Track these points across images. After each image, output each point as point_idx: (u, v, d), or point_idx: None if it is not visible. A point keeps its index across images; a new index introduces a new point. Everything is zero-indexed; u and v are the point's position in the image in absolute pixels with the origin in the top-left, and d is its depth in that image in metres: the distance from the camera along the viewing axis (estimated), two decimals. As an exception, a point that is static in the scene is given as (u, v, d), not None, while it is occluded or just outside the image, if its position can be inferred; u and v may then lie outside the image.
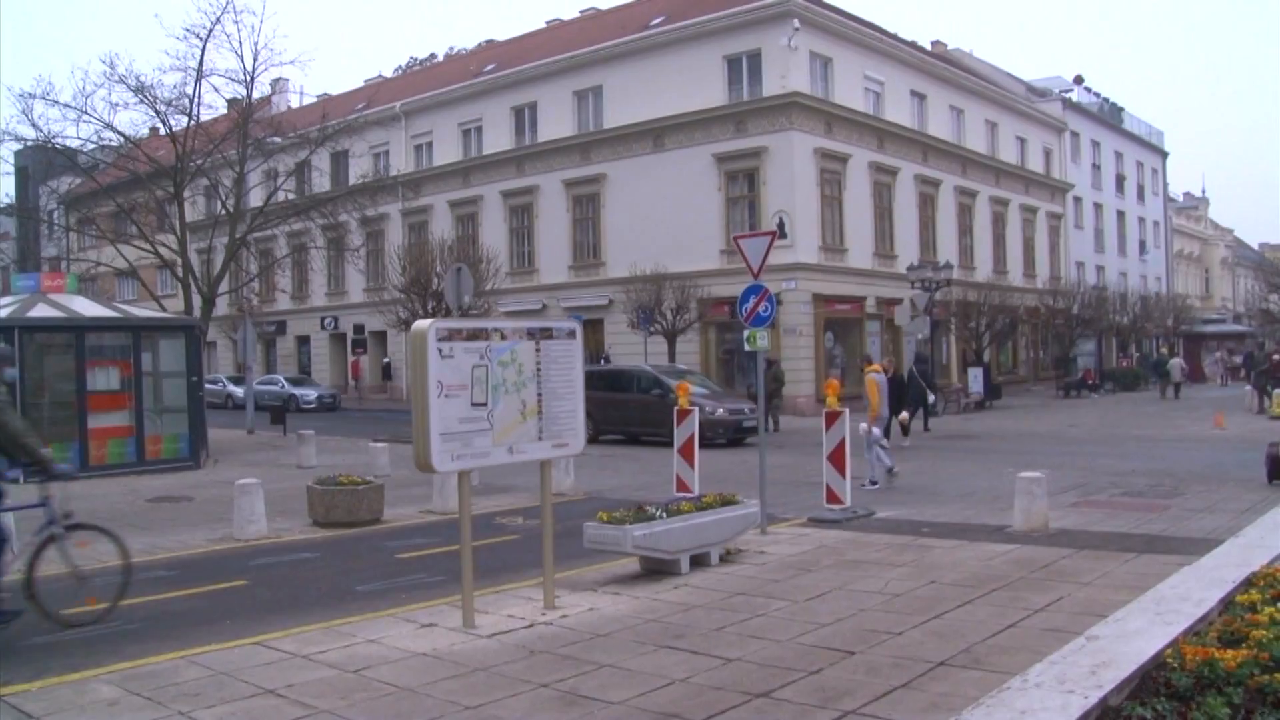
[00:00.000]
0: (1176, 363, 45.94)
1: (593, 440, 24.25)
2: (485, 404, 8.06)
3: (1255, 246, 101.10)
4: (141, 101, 28.95)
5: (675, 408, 14.24)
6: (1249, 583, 6.90)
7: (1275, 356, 35.49)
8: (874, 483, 16.48)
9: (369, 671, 7.07)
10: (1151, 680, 4.97)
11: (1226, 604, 6.48)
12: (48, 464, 8.48)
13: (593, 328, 39.82)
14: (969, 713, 4.56)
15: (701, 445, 14.80)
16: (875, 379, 17.43)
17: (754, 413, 24.81)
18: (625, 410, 25.69)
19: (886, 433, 18.03)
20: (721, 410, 24.68)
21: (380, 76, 61.94)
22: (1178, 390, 43.88)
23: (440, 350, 7.75)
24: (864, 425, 16.80)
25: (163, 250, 30.21)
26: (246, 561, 11.58)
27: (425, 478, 14.39)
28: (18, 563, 8.42)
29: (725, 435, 24.30)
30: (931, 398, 31.06)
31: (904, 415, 21.94)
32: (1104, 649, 5.48)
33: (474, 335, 8.21)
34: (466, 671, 7.02)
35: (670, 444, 21.56)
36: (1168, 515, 13.14)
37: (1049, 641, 6.60)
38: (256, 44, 48.62)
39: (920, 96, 43.92)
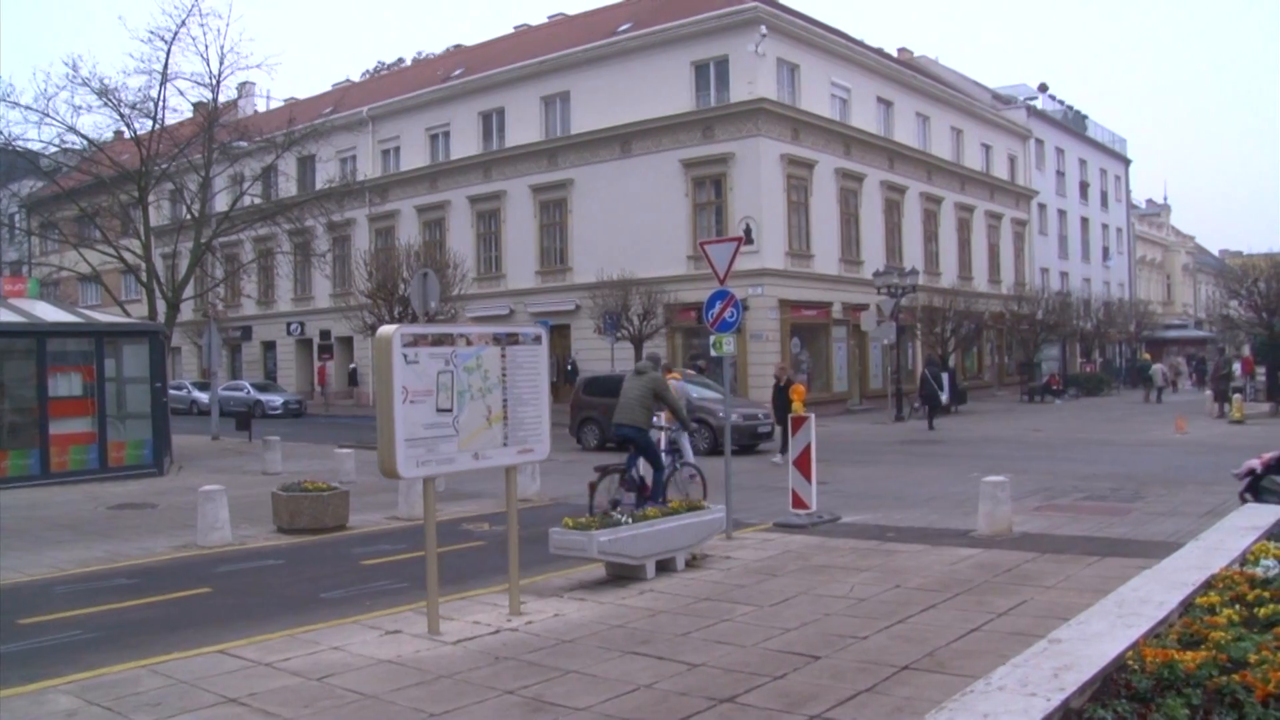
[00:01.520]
0: (1159, 368, 46.48)
1: (600, 447, 24.21)
2: (450, 410, 8.06)
3: (1216, 253, 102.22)
4: (105, 104, 28.77)
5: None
6: (1209, 585, 6.99)
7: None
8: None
9: (333, 679, 7.05)
10: (1113, 682, 5.03)
11: (1187, 606, 6.56)
12: None
13: (560, 333, 39.81)
14: (932, 716, 4.59)
15: (714, 452, 14.81)
16: (673, 386, 18.00)
17: (768, 418, 24.77)
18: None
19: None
20: (735, 416, 23.57)
21: (348, 81, 61.65)
22: (1160, 394, 44.30)
23: (405, 356, 7.75)
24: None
25: (127, 255, 30.00)
26: (210, 569, 11.51)
27: (391, 484, 14.36)
28: None
29: (739, 441, 23.13)
30: (944, 397, 31.97)
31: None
32: (1066, 652, 5.54)
33: (439, 341, 8.21)
34: (431, 679, 7.02)
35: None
36: (1130, 519, 13.28)
37: (1012, 644, 6.66)
38: (222, 47, 48.37)
39: (886, 103, 44.15)
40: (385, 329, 7.90)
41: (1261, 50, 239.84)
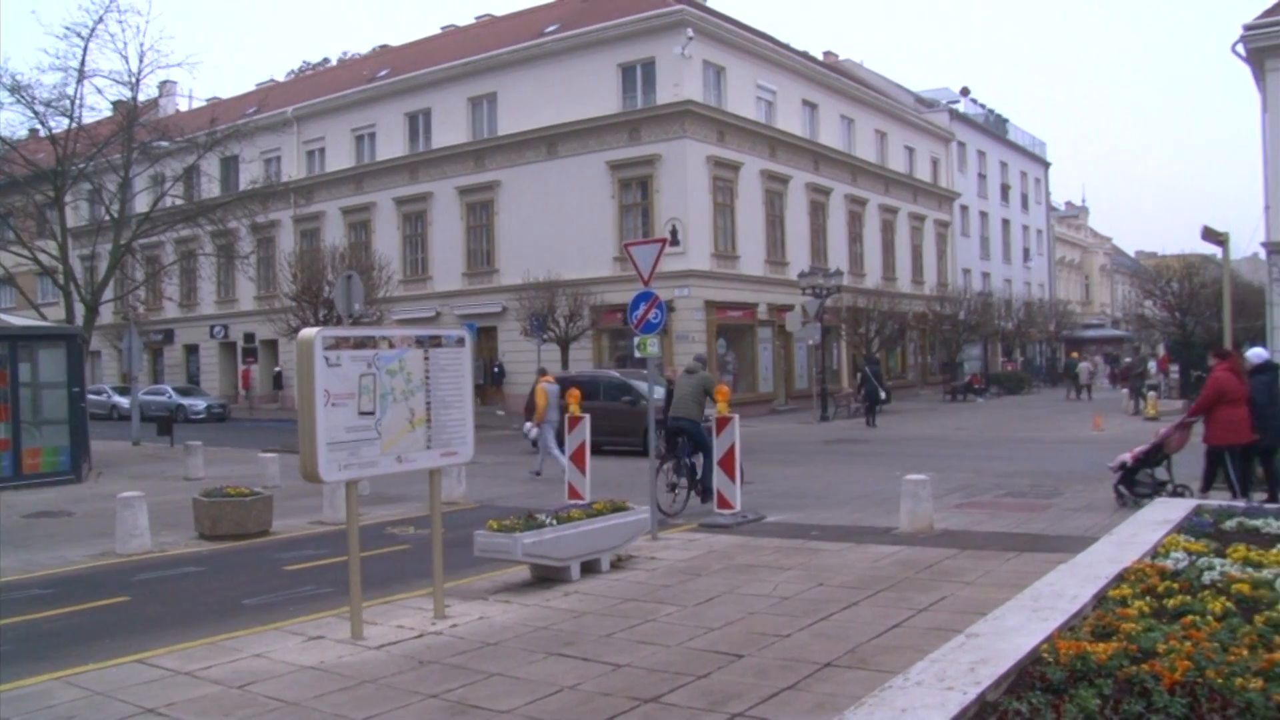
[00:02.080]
0: (1085, 366, 47.36)
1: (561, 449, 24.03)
2: (373, 413, 8.03)
3: (1132, 254, 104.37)
4: (18, 101, 28.07)
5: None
6: (1121, 578, 7.15)
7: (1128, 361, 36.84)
8: (536, 473, 19.53)
9: (254, 687, 6.98)
10: (1028, 675, 5.13)
11: (1100, 599, 6.71)
12: None
13: (486, 335, 39.70)
14: (851, 712, 4.66)
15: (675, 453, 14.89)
16: (545, 388, 19.95)
17: (709, 425, 24.71)
18: (592, 419, 24.95)
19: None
20: None
21: (272, 81, 60.90)
22: (1088, 391, 45.13)
23: (327, 359, 7.71)
24: (527, 425, 20.43)
25: (42, 257, 29.34)
26: (129, 577, 11.32)
27: (316, 488, 14.23)
28: None
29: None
30: (882, 395, 33.46)
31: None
32: (983, 646, 5.64)
33: (361, 344, 8.17)
34: (354, 684, 6.98)
35: (637, 453, 21.62)
36: (1048, 515, 13.54)
37: (932, 640, 6.75)
38: (142, 45, 47.83)
39: (812, 106, 44.55)
40: (306, 332, 7.85)
41: (1176, 57, 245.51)
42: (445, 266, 42.47)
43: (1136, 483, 14.14)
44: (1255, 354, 13.94)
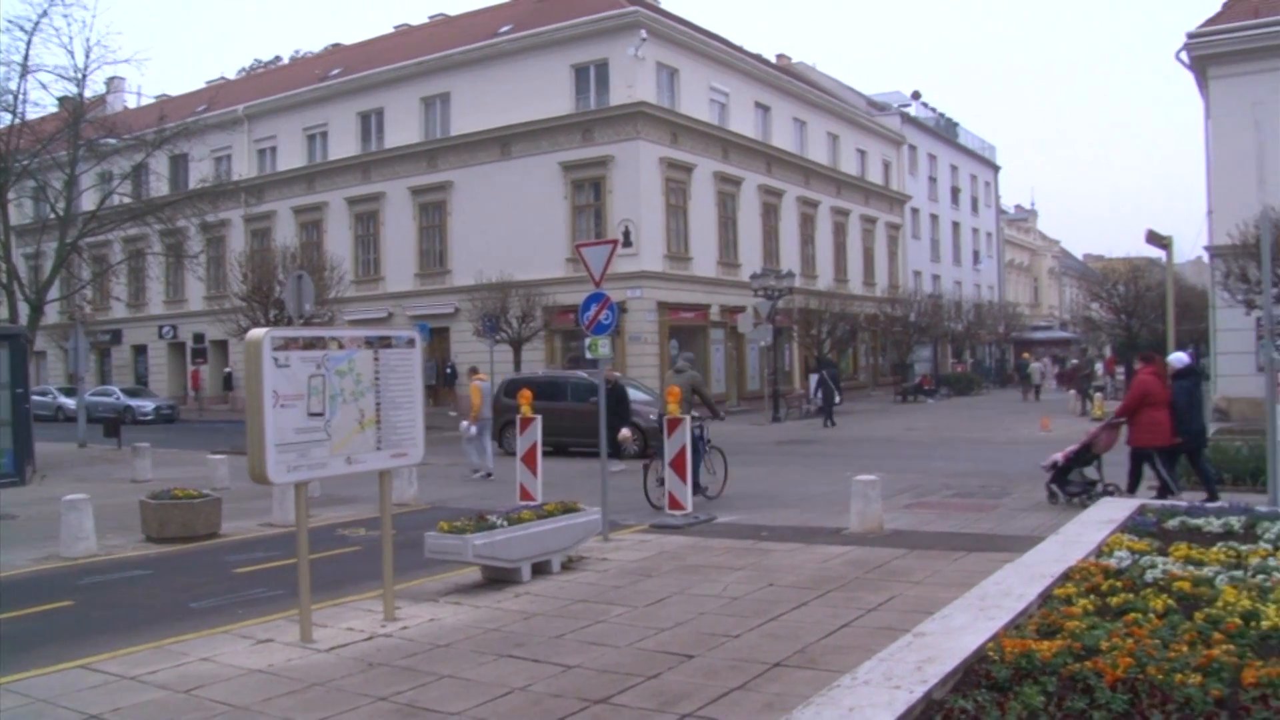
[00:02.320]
0: (1037, 366, 47.89)
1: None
2: (322, 414, 7.98)
3: (1080, 257, 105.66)
4: (-44, 96, 27.59)
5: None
6: (1066, 577, 7.26)
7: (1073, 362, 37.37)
8: (476, 471, 19.89)
9: (201, 691, 6.91)
10: (974, 673, 5.19)
11: (1045, 598, 6.80)
12: None
13: (439, 336, 39.50)
14: (800, 711, 4.69)
15: (642, 454, 14.90)
16: (479, 386, 20.68)
17: (699, 420, 24.68)
18: (557, 420, 23.82)
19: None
20: (657, 416, 23.63)
21: (222, 78, 60.19)
22: (1038, 392, 45.61)
23: (276, 359, 7.65)
24: (464, 424, 20.79)
25: (-16, 255, 28.84)
26: (74, 581, 11.15)
27: (267, 490, 14.09)
28: None
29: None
30: (837, 398, 34.30)
31: (624, 433, 19.58)
32: (930, 645, 5.70)
33: (310, 344, 8.12)
34: (302, 687, 6.93)
35: (610, 454, 21.48)
36: (995, 515, 13.68)
37: (881, 639, 6.80)
38: (89, 40, 47.07)
39: (764, 108, 44.74)
40: (255, 332, 7.79)
41: (1124, 64, 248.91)
42: (397, 267, 42.25)
43: (1068, 482, 14.55)
44: (1177, 359, 14.45)
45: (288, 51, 72.21)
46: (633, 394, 24.16)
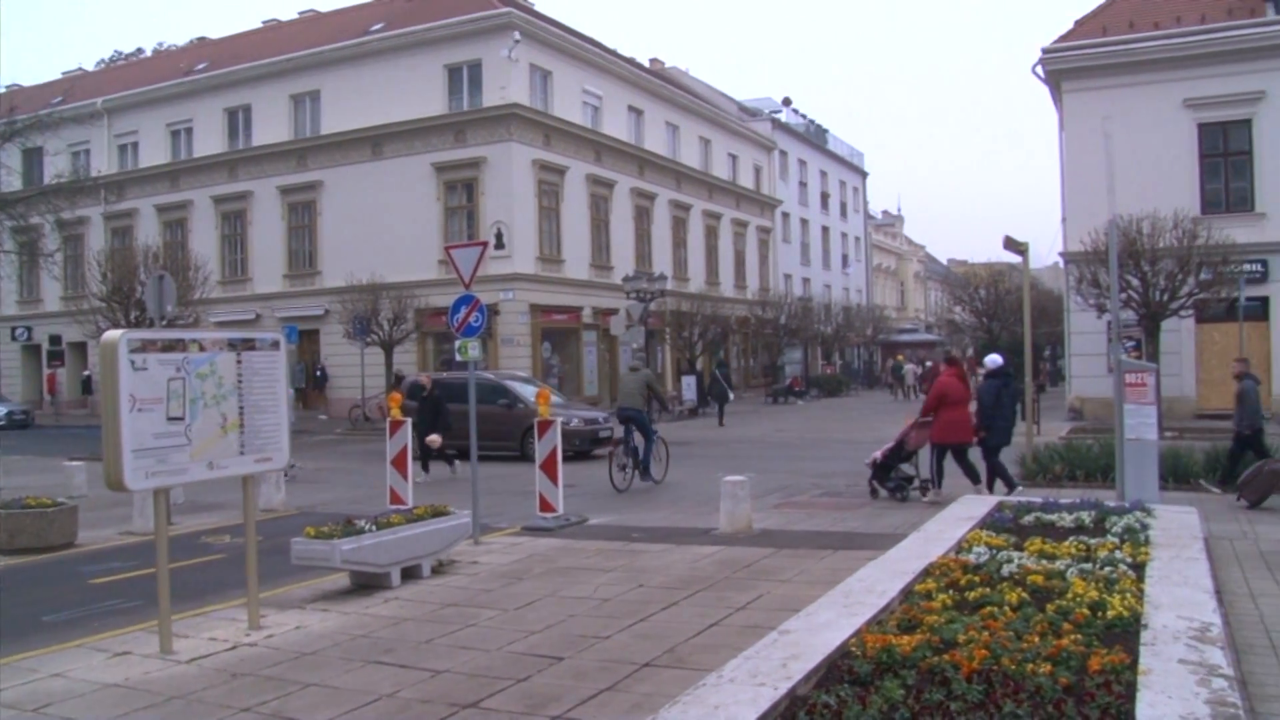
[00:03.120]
0: (910, 368, 48.93)
1: (420, 457, 23.41)
2: (183, 418, 7.79)
3: (944, 262, 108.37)
4: None
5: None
6: (927, 573, 7.48)
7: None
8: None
9: (52, 708, 6.65)
10: (837, 669, 5.32)
11: (907, 593, 7.00)
12: None
13: (309, 338, 38.85)
14: (666, 711, 4.76)
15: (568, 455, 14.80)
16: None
17: (609, 422, 24.63)
18: (465, 422, 23.84)
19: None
20: (578, 420, 23.38)
21: (80, 70, 58.16)
22: (915, 392, 46.58)
23: (133, 362, 7.44)
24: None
25: None
26: (-83, 595, 10.69)
27: (126, 498, 13.67)
28: None
29: (579, 447, 22.68)
30: (730, 396, 35.16)
31: (433, 438, 19.31)
32: (795, 642, 5.83)
33: (170, 346, 7.95)
34: (161, 700, 6.74)
35: (514, 458, 21.24)
36: (862, 513, 13.98)
37: (748, 638, 6.87)
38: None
39: (637, 112, 44.97)
40: (110, 334, 7.57)
41: (987, 74, 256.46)
42: (266, 268, 41.40)
43: (888, 478, 15.32)
44: (990, 360, 15.36)
45: (150, 44, 70.05)
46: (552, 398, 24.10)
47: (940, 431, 14.53)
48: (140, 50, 59.82)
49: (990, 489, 14.47)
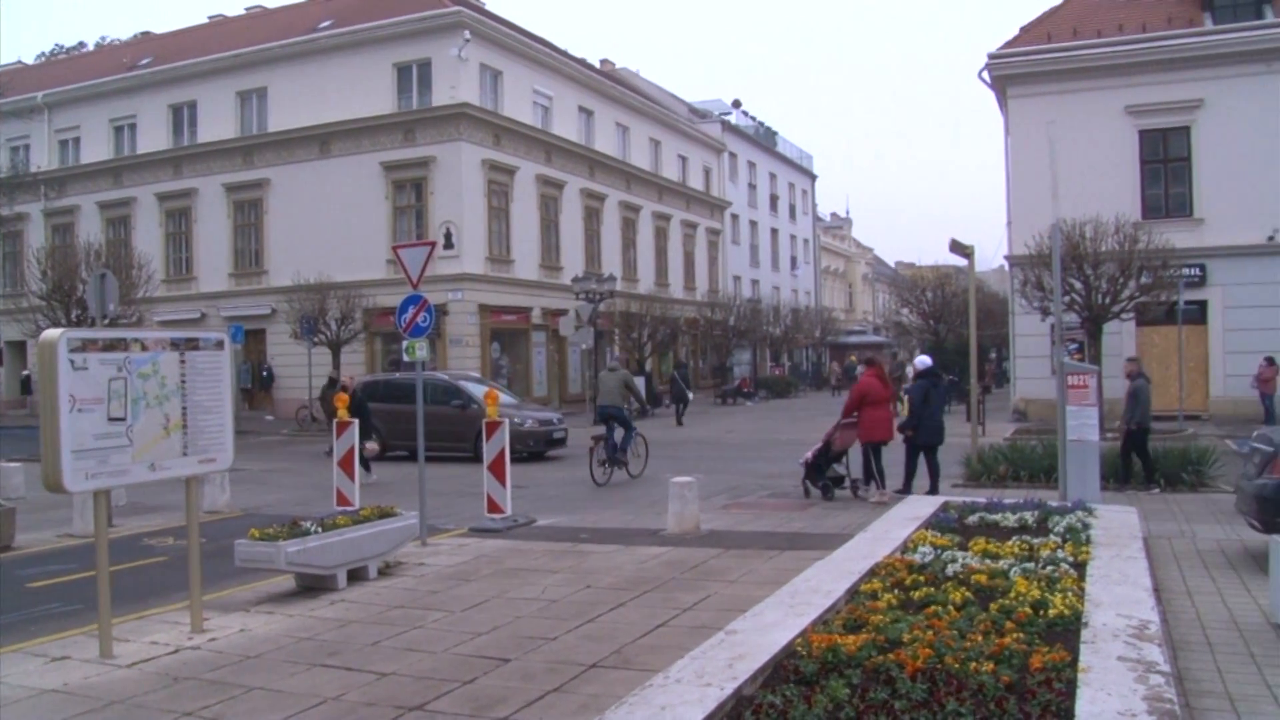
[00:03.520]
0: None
1: (379, 458, 23.21)
2: (124, 419, 7.70)
3: (892, 264, 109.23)
4: None
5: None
6: (872, 573, 7.56)
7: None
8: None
9: (-13, 715, 6.57)
10: (783, 668, 5.37)
11: (853, 593, 7.07)
12: None
13: (255, 338, 38.47)
14: (613, 712, 4.78)
15: (515, 457, 14.72)
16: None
17: (562, 423, 24.52)
18: (410, 424, 23.49)
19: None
20: (531, 421, 23.43)
21: (19, 63, 57.26)
22: None
23: (73, 362, 7.35)
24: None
25: None
26: None
27: (66, 500, 13.46)
28: None
29: (533, 448, 22.95)
30: (690, 395, 35.90)
31: (371, 446, 19.13)
32: (741, 642, 5.87)
33: (111, 346, 7.86)
34: (101, 705, 6.64)
35: (467, 459, 21.06)
36: (809, 514, 14.08)
37: (695, 638, 6.90)
38: None
39: (588, 113, 44.94)
40: (49, 333, 7.46)
41: (934, 79, 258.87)
42: (211, 266, 40.91)
43: (820, 475, 15.73)
44: (919, 361, 16.38)
45: (93, 38, 69.01)
46: (502, 398, 24.03)
47: (866, 431, 15.08)
48: (82, 44, 58.94)
49: (909, 489, 15.12)
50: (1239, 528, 11.24)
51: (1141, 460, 15.66)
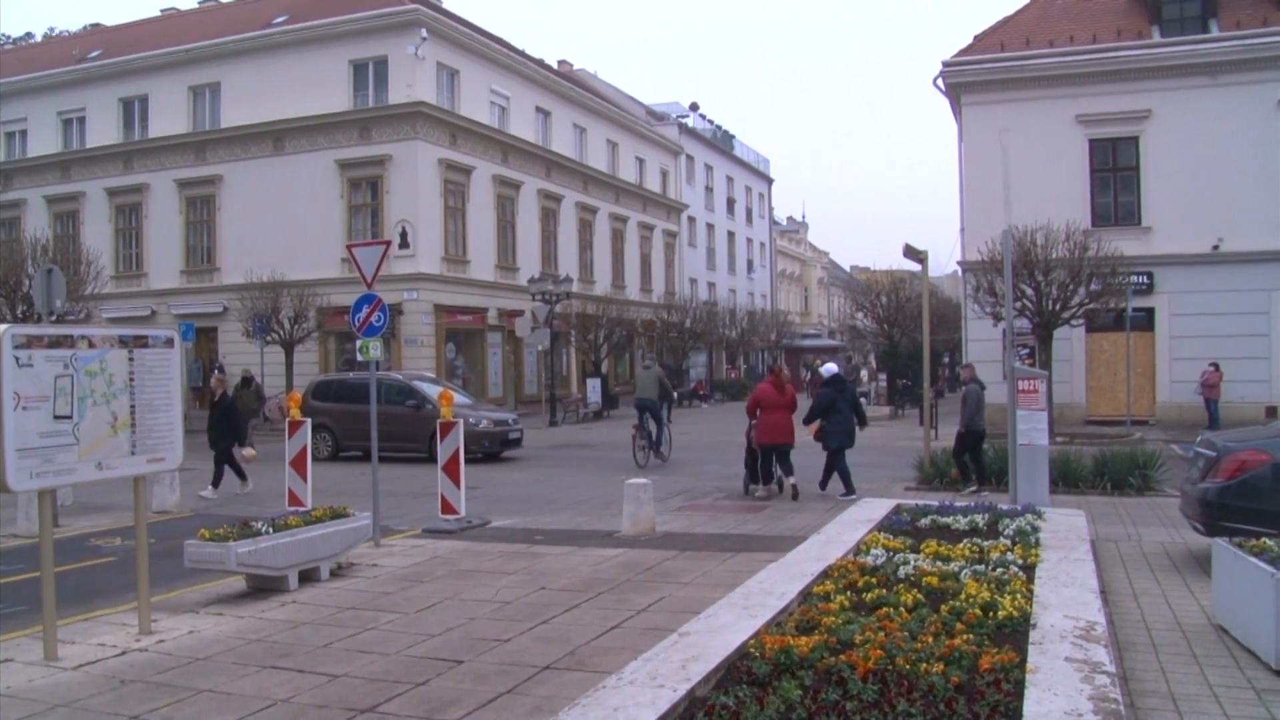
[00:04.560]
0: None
1: (332, 458, 22.93)
2: (70, 417, 7.61)
3: (847, 269, 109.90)
4: None
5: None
6: (825, 575, 7.60)
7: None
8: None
9: (-73, 718, 6.46)
10: (736, 670, 5.39)
11: (805, 595, 7.11)
12: None
13: (207, 336, 38.09)
14: (566, 713, 4.78)
15: (470, 457, 14.65)
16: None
17: (518, 424, 24.38)
18: (369, 424, 23.09)
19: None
20: (486, 421, 23.29)
21: (-35, 55, 56.38)
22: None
23: (17, 359, 7.23)
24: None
25: None
26: None
27: (10, 499, 13.26)
28: None
29: (488, 449, 22.85)
30: (674, 397, 34.32)
31: (248, 451, 18.19)
32: (695, 644, 5.89)
33: (57, 343, 7.72)
34: (45, 709, 6.55)
35: (422, 459, 20.90)
36: (763, 516, 14.14)
37: (649, 640, 6.92)
38: None
39: (545, 113, 44.88)
40: None
41: (889, 85, 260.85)
42: (162, 263, 40.42)
43: (755, 477, 16.46)
44: (825, 369, 17.06)
45: (41, 28, 68.06)
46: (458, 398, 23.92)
47: (762, 433, 15.87)
48: (30, 35, 58.11)
49: (824, 488, 16.08)
50: (1184, 531, 11.42)
51: (973, 461, 16.31)
